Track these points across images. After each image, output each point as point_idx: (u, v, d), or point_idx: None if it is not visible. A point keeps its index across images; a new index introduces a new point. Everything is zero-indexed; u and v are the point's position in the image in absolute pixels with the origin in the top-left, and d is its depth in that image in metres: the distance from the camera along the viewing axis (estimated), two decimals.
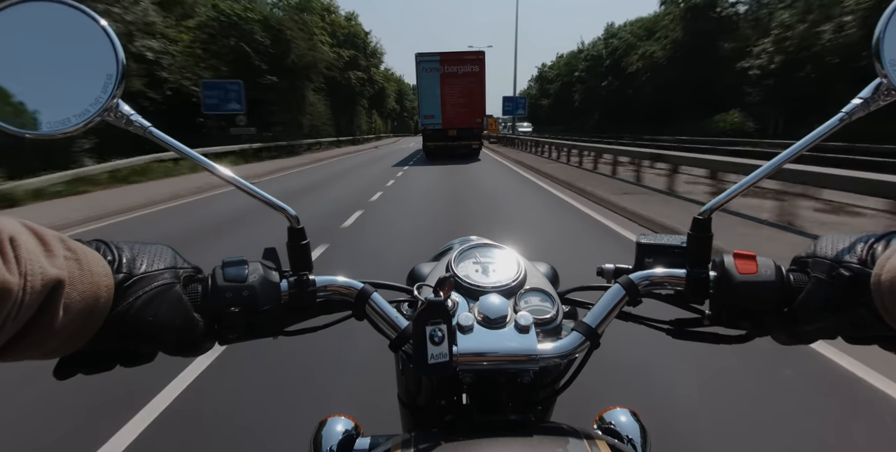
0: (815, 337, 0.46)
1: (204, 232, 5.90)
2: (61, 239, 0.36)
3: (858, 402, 2.05)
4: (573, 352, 0.47)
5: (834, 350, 2.37)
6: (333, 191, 9.98)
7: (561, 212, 7.10)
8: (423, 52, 18.38)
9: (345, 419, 0.70)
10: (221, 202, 8.35)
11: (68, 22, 0.41)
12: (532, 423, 0.53)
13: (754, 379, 2.17)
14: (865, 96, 0.44)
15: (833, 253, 0.44)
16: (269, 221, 4.51)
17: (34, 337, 0.33)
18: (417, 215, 7.03)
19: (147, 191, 9.41)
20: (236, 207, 7.16)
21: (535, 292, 0.52)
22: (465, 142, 18.27)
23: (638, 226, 5.70)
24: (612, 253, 4.54)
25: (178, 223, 6.83)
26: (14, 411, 2.06)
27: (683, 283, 0.50)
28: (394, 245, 5.04)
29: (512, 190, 9.71)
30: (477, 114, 18.40)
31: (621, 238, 5.22)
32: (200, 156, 0.48)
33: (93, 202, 8.16)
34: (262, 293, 0.46)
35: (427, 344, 0.43)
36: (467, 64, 18.28)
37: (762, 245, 4.34)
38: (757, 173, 0.48)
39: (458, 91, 18.02)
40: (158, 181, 11.18)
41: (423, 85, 18.38)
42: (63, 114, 0.41)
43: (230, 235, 5.68)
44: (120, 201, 8.23)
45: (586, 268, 0.62)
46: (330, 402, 2.08)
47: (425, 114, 18.30)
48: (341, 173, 14.21)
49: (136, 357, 0.44)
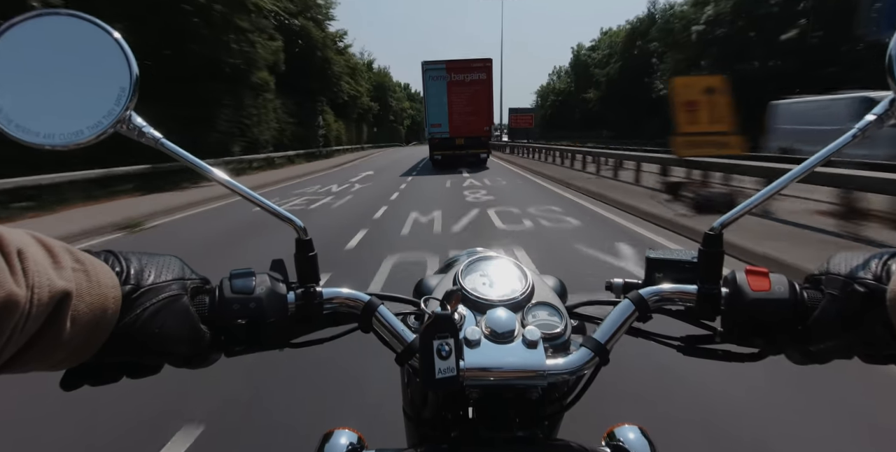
0: (830, 356, 0.45)
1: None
2: (70, 251, 0.36)
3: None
4: (582, 369, 0.47)
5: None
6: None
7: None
8: (429, 60, 18.27)
9: (349, 432, 0.69)
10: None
11: (82, 35, 0.42)
12: (539, 440, 0.52)
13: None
14: (879, 112, 0.44)
15: (847, 269, 0.43)
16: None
17: (41, 349, 0.33)
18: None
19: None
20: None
21: (543, 306, 0.52)
22: (472, 150, 18.03)
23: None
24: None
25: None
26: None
27: (694, 299, 0.49)
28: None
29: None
30: (485, 123, 18.19)
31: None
32: (210, 167, 0.48)
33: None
34: (269, 305, 0.46)
35: (434, 358, 0.42)
36: (474, 71, 18.08)
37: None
38: (768, 189, 0.48)
39: (465, 99, 17.85)
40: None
41: (430, 93, 18.22)
42: (76, 126, 0.42)
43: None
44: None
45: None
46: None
47: (432, 122, 18.12)
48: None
49: (143, 368, 0.44)
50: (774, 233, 4.84)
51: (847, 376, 2.21)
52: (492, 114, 18.88)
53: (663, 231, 5.66)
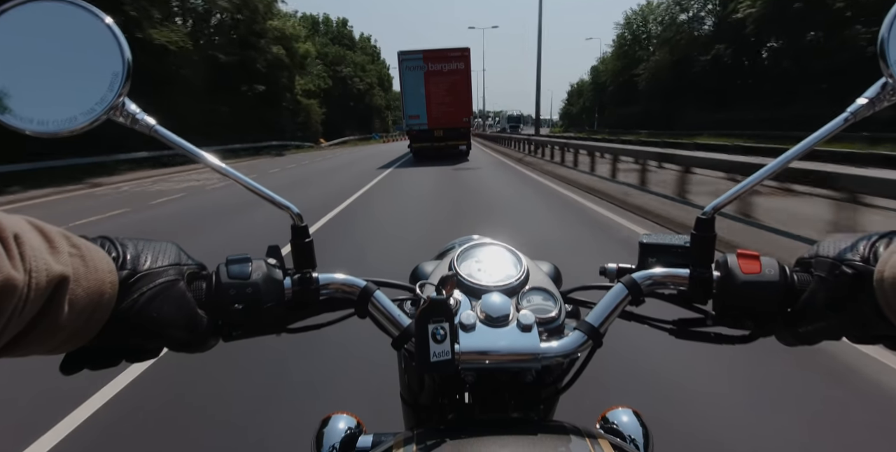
0: (819, 337, 0.46)
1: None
2: (66, 236, 0.36)
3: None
4: (575, 351, 0.47)
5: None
6: None
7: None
8: (405, 50, 17.75)
9: (347, 416, 0.70)
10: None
11: (74, 21, 0.42)
12: (535, 421, 0.53)
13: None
14: (871, 96, 0.44)
15: (835, 252, 0.44)
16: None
17: (39, 334, 0.33)
18: None
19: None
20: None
21: (538, 291, 0.52)
22: (452, 142, 17.61)
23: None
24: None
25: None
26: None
27: (687, 283, 0.50)
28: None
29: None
30: (463, 114, 17.71)
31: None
32: (206, 154, 0.48)
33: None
34: (266, 290, 0.46)
35: (429, 342, 0.43)
36: (452, 61, 17.53)
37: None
38: (760, 173, 0.48)
39: (443, 90, 17.32)
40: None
41: (407, 84, 17.66)
42: (69, 113, 0.42)
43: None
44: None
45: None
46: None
47: (410, 114, 17.65)
48: None
49: (141, 352, 0.44)
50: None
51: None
52: (470, 105, 18.42)
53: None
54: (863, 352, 2.32)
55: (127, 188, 11.77)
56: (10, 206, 8.03)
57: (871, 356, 2.31)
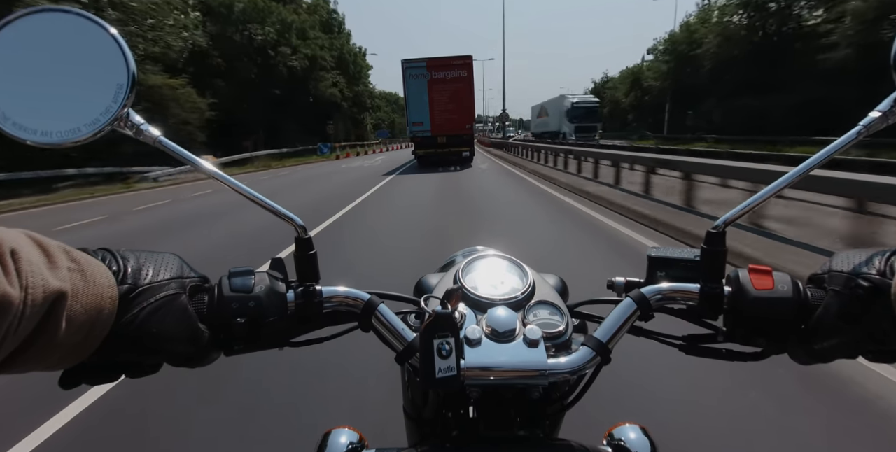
0: (834, 354, 0.45)
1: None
2: (65, 251, 0.36)
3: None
4: (583, 368, 0.46)
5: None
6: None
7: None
8: (409, 59, 18.06)
9: (349, 430, 0.69)
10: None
11: (79, 32, 0.42)
12: (540, 439, 0.52)
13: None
14: (884, 109, 0.43)
15: (850, 266, 0.43)
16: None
17: (36, 350, 0.32)
18: None
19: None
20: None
21: (544, 305, 0.51)
22: (455, 149, 17.88)
23: None
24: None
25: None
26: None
27: (697, 298, 0.49)
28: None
29: None
30: (466, 120, 18.03)
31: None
32: (209, 165, 0.48)
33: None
34: (269, 304, 0.45)
35: (435, 357, 0.42)
36: (455, 69, 17.86)
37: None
38: (772, 187, 0.47)
39: (446, 97, 17.66)
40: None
41: (411, 92, 18.01)
42: (74, 124, 0.41)
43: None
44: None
45: None
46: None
47: (414, 121, 17.94)
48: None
49: (142, 367, 0.44)
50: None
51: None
52: (473, 112, 18.76)
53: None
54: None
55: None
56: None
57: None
